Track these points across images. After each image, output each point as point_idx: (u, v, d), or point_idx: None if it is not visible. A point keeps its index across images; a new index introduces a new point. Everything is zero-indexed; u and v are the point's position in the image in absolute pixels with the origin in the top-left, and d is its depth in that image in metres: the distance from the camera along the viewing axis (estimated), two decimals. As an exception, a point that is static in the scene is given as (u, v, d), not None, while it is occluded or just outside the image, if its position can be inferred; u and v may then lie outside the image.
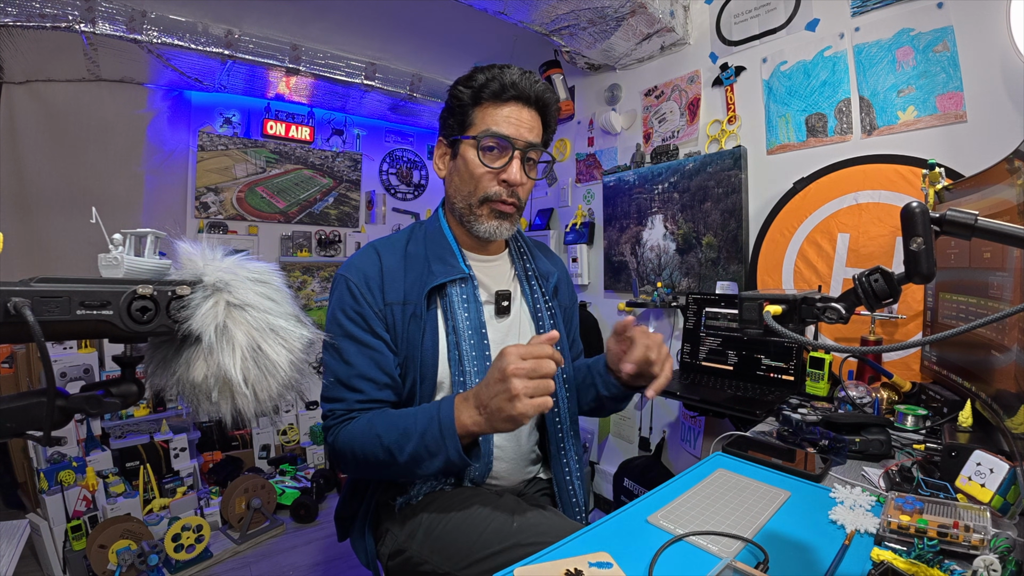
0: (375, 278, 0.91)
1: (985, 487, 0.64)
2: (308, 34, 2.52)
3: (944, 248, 1.19)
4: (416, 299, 0.90)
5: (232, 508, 2.20)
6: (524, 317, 1.02)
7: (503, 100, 0.90)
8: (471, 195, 0.92)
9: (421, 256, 0.94)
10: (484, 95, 0.90)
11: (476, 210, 0.92)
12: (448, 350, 0.90)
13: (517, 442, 0.98)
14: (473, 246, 1.00)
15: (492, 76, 0.89)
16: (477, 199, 0.92)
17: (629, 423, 2.44)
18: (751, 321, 0.59)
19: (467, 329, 0.91)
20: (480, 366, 0.90)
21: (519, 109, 0.91)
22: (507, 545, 0.75)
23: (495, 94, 0.89)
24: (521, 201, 0.95)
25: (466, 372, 0.89)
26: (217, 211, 2.87)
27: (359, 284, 0.89)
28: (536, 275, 1.04)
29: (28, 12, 1.91)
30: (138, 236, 0.48)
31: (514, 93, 0.89)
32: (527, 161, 0.93)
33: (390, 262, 0.93)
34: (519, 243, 1.08)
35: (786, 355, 1.64)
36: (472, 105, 0.91)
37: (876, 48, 1.60)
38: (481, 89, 0.89)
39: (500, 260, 1.03)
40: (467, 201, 0.93)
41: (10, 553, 1.30)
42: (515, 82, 0.89)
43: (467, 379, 0.89)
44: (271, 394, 0.48)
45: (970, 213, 0.47)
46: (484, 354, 0.91)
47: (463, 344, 0.90)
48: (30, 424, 0.41)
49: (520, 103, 0.91)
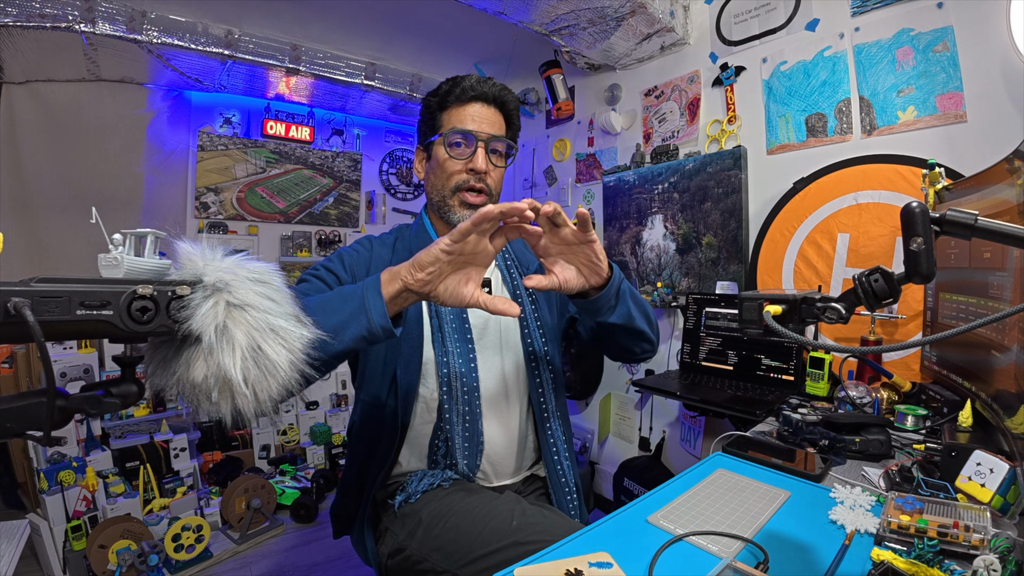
0: (364, 259, 1.01)
1: (985, 487, 0.64)
2: (308, 34, 2.52)
3: (944, 248, 1.19)
4: None
5: (232, 508, 2.20)
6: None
7: (465, 101, 0.99)
8: (443, 187, 1.00)
9: (406, 249, 1.02)
10: (449, 100, 0.99)
11: (449, 201, 1.00)
12: (432, 333, 0.97)
13: (506, 425, 1.00)
14: None
15: (455, 83, 0.99)
16: (449, 190, 0.99)
17: (629, 423, 2.44)
18: (751, 321, 0.59)
19: (448, 313, 0.97)
20: (463, 348, 0.96)
21: (481, 108, 0.99)
22: (506, 543, 0.75)
23: (458, 97, 0.99)
24: (491, 189, 1.01)
25: (449, 352, 0.95)
26: (217, 211, 2.87)
27: (351, 257, 0.99)
28: (516, 263, 1.09)
29: (28, 12, 1.91)
30: (138, 236, 0.48)
31: (474, 94, 0.99)
32: (493, 152, 1.00)
33: (380, 252, 1.03)
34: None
35: (786, 355, 1.64)
36: (439, 110, 1.01)
37: (876, 48, 1.60)
38: (446, 95, 0.99)
39: None
40: (441, 194, 1.00)
41: (10, 553, 1.30)
42: (473, 85, 0.99)
43: (450, 359, 0.94)
44: (271, 394, 0.48)
45: (970, 213, 0.47)
46: (466, 336, 0.97)
47: (445, 327, 0.96)
48: (30, 424, 0.41)
49: (481, 102, 1.00)
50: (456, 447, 0.93)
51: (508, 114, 1.03)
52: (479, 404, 0.96)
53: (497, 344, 1.02)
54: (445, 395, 0.93)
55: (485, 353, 0.99)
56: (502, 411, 1.00)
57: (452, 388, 0.94)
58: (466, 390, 0.94)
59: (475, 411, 0.94)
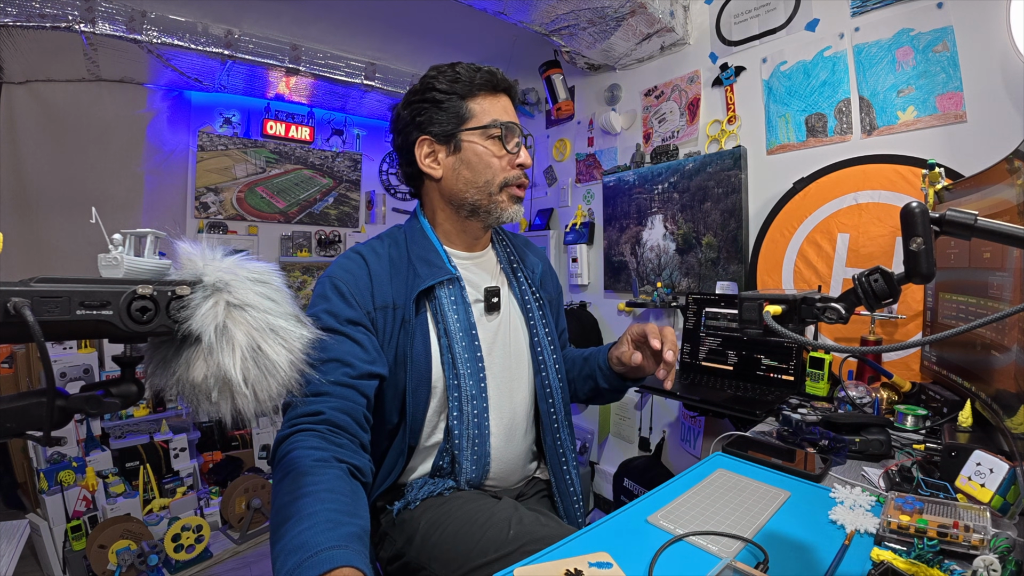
0: (364, 280, 0.89)
1: (985, 487, 0.64)
2: (308, 34, 2.52)
3: (944, 248, 1.19)
4: (404, 303, 0.89)
5: (232, 508, 2.20)
6: (513, 311, 1.02)
7: (497, 92, 0.95)
8: (489, 184, 0.93)
9: (404, 260, 0.93)
10: (476, 88, 0.92)
11: (496, 197, 0.93)
12: (441, 353, 0.90)
13: (512, 440, 0.98)
14: (463, 244, 1.00)
15: (475, 70, 0.93)
16: (497, 186, 0.93)
17: (629, 423, 2.44)
18: (751, 321, 0.59)
19: (458, 331, 0.90)
20: (473, 368, 0.90)
21: (507, 100, 0.96)
22: (504, 553, 0.75)
23: (490, 86, 0.93)
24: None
25: (460, 375, 0.89)
26: (217, 211, 2.87)
27: (348, 284, 0.87)
28: (521, 267, 1.05)
29: (28, 12, 1.91)
30: (138, 236, 0.48)
31: (504, 86, 0.96)
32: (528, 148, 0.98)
33: (376, 267, 0.91)
34: (501, 236, 1.09)
35: (786, 355, 1.64)
36: (464, 98, 0.92)
37: (876, 48, 1.60)
38: (471, 82, 0.92)
39: (486, 255, 1.04)
40: (485, 191, 0.93)
41: (10, 553, 1.30)
42: (504, 77, 0.95)
43: (461, 381, 0.89)
44: (271, 394, 0.48)
45: (970, 213, 0.47)
46: (476, 355, 0.91)
47: (455, 347, 0.89)
48: (30, 424, 0.41)
49: (506, 95, 0.97)
50: (462, 468, 0.90)
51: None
52: (488, 425, 0.92)
53: (506, 356, 0.98)
54: (456, 420, 0.89)
55: (495, 368, 0.95)
56: (510, 427, 0.97)
57: (463, 413, 0.89)
58: (476, 413, 0.90)
59: (484, 432, 0.91)
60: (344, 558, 0.54)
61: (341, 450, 0.73)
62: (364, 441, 0.79)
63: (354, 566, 0.54)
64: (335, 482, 0.66)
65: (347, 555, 0.55)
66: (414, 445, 0.92)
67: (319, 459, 0.69)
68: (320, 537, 0.56)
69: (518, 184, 0.95)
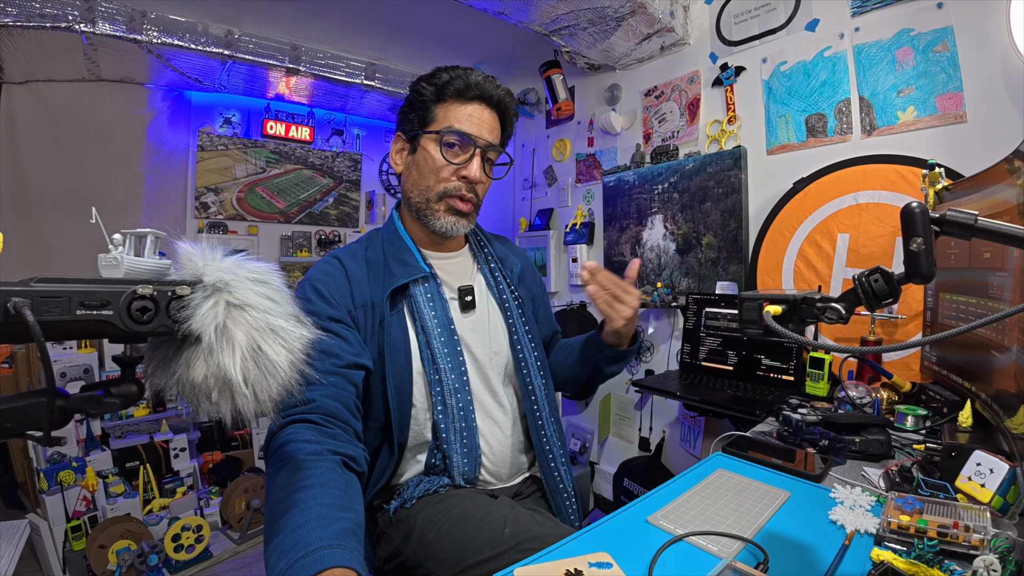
0: (342, 281, 0.90)
1: (985, 487, 0.64)
2: (308, 34, 2.52)
3: (944, 248, 1.19)
4: (380, 302, 0.91)
5: (232, 508, 2.20)
6: (492, 309, 1.03)
7: (466, 99, 0.92)
8: (429, 189, 0.93)
9: (380, 260, 0.95)
10: (447, 92, 0.91)
11: (433, 205, 0.93)
12: (420, 349, 0.91)
13: (500, 431, 0.98)
14: (431, 244, 1.00)
15: (456, 75, 0.91)
16: (435, 193, 0.93)
17: (629, 423, 2.44)
18: (751, 321, 0.59)
19: (436, 327, 0.92)
20: (453, 362, 0.92)
21: (481, 109, 0.93)
22: (499, 551, 0.75)
23: (459, 92, 0.91)
24: (479, 199, 0.97)
25: (440, 369, 0.90)
26: (217, 211, 2.87)
27: (327, 285, 0.89)
28: (499, 267, 1.05)
29: (28, 12, 1.91)
30: (138, 236, 0.48)
31: (477, 93, 0.92)
32: (486, 161, 0.95)
33: (353, 268, 0.93)
34: (479, 237, 1.09)
35: (786, 355, 1.64)
36: (434, 101, 0.92)
37: (876, 48, 1.60)
38: (445, 86, 0.91)
39: (461, 255, 1.05)
40: (425, 196, 0.94)
41: (10, 553, 1.30)
42: (479, 83, 0.92)
43: (443, 376, 0.90)
44: (271, 394, 0.48)
45: (970, 213, 0.47)
46: (456, 350, 0.92)
47: (434, 342, 0.91)
48: (30, 424, 0.41)
49: (482, 103, 0.93)
50: (454, 463, 0.90)
51: (506, 120, 0.98)
52: (474, 418, 0.93)
53: (487, 353, 0.99)
54: (440, 414, 0.90)
55: (476, 364, 0.97)
56: (497, 421, 0.98)
57: (448, 407, 0.90)
58: (461, 406, 0.91)
59: (471, 426, 0.92)
60: (336, 558, 0.54)
61: (335, 441, 0.73)
62: (357, 429, 0.80)
63: (346, 566, 0.54)
64: (329, 475, 0.67)
65: (339, 554, 0.55)
66: (404, 443, 0.92)
67: (313, 452, 0.69)
68: (312, 536, 0.56)
69: (459, 196, 0.93)
